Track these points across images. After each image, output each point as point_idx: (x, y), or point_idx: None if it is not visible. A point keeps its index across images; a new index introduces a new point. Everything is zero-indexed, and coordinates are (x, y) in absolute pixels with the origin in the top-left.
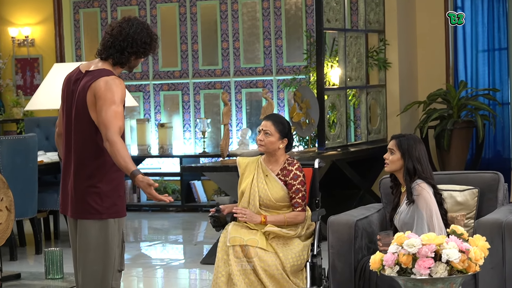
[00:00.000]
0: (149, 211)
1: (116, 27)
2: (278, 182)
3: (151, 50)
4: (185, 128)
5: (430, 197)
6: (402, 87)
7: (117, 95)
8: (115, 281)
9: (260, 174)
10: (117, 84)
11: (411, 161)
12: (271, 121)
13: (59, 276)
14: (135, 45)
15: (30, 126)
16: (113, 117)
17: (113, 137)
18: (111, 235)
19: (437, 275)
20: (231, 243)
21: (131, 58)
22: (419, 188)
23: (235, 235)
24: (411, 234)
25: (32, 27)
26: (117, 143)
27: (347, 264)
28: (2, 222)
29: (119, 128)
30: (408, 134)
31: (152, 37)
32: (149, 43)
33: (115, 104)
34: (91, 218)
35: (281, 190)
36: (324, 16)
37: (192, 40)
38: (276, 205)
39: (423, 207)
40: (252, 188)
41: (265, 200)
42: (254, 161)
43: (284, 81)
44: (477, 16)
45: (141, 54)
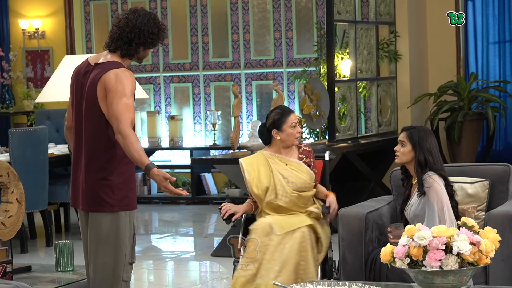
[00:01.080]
0: (159, 203)
1: (123, 19)
2: (302, 165)
3: (159, 40)
4: (196, 120)
5: (441, 189)
6: (412, 79)
7: (128, 87)
8: (126, 273)
9: (277, 163)
10: (127, 76)
11: (422, 153)
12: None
13: (70, 269)
14: (143, 36)
15: (41, 118)
16: (125, 109)
17: (125, 130)
18: (122, 228)
19: (448, 267)
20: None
21: (139, 49)
22: (431, 180)
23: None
24: (421, 227)
25: (43, 19)
26: (130, 136)
27: (357, 256)
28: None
29: (130, 120)
30: (419, 126)
31: (159, 27)
32: (156, 33)
33: (126, 96)
34: (102, 211)
35: (308, 171)
36: (335, 8)
37: (203, 32)
38: (309, 185)
39: (434, 199)
40: (276, 179)
41: (299, 183)
42: (259, 156)
43: (294, 73)
44: (487, 8)
45: (149, 44)
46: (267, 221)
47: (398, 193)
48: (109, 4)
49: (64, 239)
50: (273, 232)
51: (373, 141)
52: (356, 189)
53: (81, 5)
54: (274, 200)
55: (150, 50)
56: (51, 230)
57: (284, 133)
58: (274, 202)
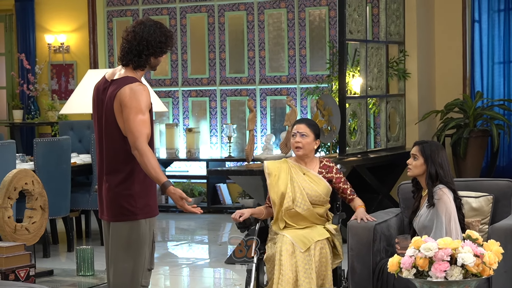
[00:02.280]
0: (176, 212)
1: (131, 32)
2: (320, 178)
3: (168, 47)
4: (212, 133)
5: (450, 202)
6: (420, 97)
7: (143, 102)
8: (144, 279)
9: (298, 173)
10: (141, 91)
11: (433, 166)
12: (305, 123)
13: (90, 273)
14: (151, 47)
15: (64, 129)
16: (141, 125)
17: (142, 147)
18: (142, 234)
19: (453, 278)
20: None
21: (150, 59)
22: (440, 193)
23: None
24: (428, 238)
25: (68, 34)
26: (147, 153)
27: (366, 266)
28: (37, 220)
29: (146, 136)
30: (430, 141)
31: (166, 35)
32: (164, 42)
33: (142, 112)
34: (125, 220)
35: (325, 185)
36: (347, 28)
37: (220, 49)
38: (323, 200)
39: (442, 211)
40: (295, 187)
41: (313, 196)
42: (283, 163)
43: (307, 89)
44: (493, 29)
45: (158, 53)
46: (287, 240)
47: (406, 206)
48: (131, 21)
49: (85, 244)
50: (297, 250)
51: (382, 156)
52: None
53: (105, 21)
54: (292, 207)
55: (162, 58)
56: (73, 236)
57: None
58: (292, 209)
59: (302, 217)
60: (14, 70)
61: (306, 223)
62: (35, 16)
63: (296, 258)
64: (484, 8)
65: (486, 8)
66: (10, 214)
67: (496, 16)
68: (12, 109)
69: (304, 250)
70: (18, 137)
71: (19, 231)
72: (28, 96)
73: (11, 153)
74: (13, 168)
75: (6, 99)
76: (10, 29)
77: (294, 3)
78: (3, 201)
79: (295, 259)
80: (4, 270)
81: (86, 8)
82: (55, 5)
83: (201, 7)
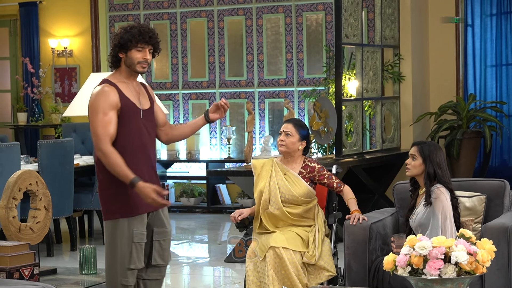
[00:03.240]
0: (176, 212)
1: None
2: (299, 179)
3: (128, 41)
4: (212, 134)
5: (446, 201)
6: (415, 99)
7: (102, 102)
8: (124, 278)
9: (278, 172)
10: (102, 92)
11: (432, 166)
12: (292, 123)
13: (93, 272)
14: (112, 45)
15: (68, 131)
16: (101, 126)
17: (104, 148)
18: (120, 234)
19: (447, 275)
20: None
21: (118, 57)
22: (438, 192)
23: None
24: (422, 237)
25: (71, 39)
26: (110, 154)
27: (362, 264)
28: (41, 220)
29: (109, 137)
30: (428, 141)
31: (127, 30)
32: (122, 37)
33: (102, 112)
34: (106, 219)
35: (304, 186)
36: (343, 32)
37: (219, 53)
38: (299, 200)
39: (439, 209)
40: (272, 186)
41: (288, 196)
42: (268, 162)
43: (304, 92)
44: (486, 33)
45: (120, 49)
46: (251, 248)
47: (401, 205)
48: None
49: (87, 244)
50: (257, 258)
51: (377, 156)
52: (361, 201)
53: (107, 26)
54: (267, 207)
55: (136, 56)
56: (76, 236)
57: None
58: (267, 209)
59: (277, 218)
60: (18, 74)
61: (284, 224)
62: (39, 21)
63: (257, 265)
64: (476, 13)
65: (479, 12)
66: (15, 214)
67: (488, 20)
68: (17, 111)
69: (262, 258)
70: (22, 139)
71: (23, 230)
72: (32, 99)
73: (15, 154)
74: (18, 169)
75: (10, 102)
76: (15, 34)
77: (291, 8)
78: (8, 201)
79: (257, 266)
80: (9, 269)
81: (88, 13)
82: (59, 10)
83: (201, 12)
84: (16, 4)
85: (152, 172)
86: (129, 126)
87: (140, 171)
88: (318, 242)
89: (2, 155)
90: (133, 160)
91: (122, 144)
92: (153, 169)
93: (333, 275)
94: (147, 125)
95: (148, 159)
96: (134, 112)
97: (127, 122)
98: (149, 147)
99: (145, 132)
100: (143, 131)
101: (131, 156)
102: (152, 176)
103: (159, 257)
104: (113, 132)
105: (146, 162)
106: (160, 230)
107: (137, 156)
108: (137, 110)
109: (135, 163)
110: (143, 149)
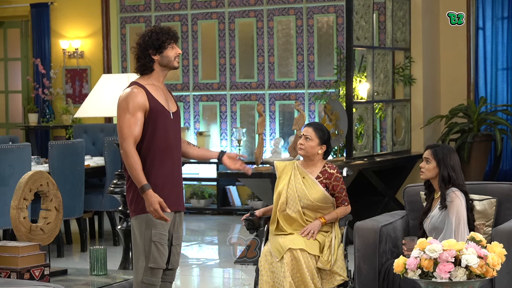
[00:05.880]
0: (187, 213)
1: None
2: (316, 184)
3: (161, 41)
4: (222, 136)
5: (461, 205)
6: (425, 102)
7: (132, 103)
8: (146, 276)
9: (297, 176)
10: (131, 93)
11: (446, 169)
12: (312, 127)
13: (103, 273)
14: (144, 47)
15: (78, 132)
16: (127, 126)
17: (127, 148)
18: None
19: (457, 279)
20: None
21: (151, 59)
22: (453, 195)
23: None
24: (432, 240)
25: (82, 40)
26: (132, 155)
27: (372, 266)
28: (51, 221)
29: (134, 138)
30: (442, 144)
31: (156, 31)
32: (155, 38)
33: (129, 112)
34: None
35: (320, 191)
36: (354, 34)
37: (230, 55)
38: (314, 205)
39: (453, 213)
40: (290, 189)
41: (304, 200)
42: (290, 164)
43: (315, 94)
44: (497, 36)
45: (155, 50)
46: (267, 249)
47: (411, 208)
48: (144, 27)
49: (97, 245)
50: (274, 257)
51: (388, 159)
52: (371, 204)
53: (118, 27)
54: (284, 208)
55: (171, 53)
56: (86, 237)
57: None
58: (284, 211)
59: (294, 220)
60: (29, 75)
61: (298, 227)
62: (50, 22)
63: (272, 266)
64: (488, 16)
65: (490, 15)
66: (26, 214)
67: (500, 23)
68: (28, 112)
69: (279, 259)
70: (33, 140)
71: (34, 231)
72: (43, 100)
73: (26, 155)
74: (29, 170)
75: (21, 103)
76: (26, 35)
77: (302, 10)
78: (18, 202)
79: (272, 267)
80: (20, 269)
81: (100, 15)
82: (70, 12)
83: (212, 14)
84: (28, 5)
85: (178, 174)
86: (157, 128)
87: (166, 173)
88: (334, 248)
89: (13, 156)
90: (158, 161)
91: (149, 145)
92: (178, 171)
93: (345, 280)
94: (174, 127)
95: (174, 161)
96: (162, 114)
97: (155, 123)
98: (175, 149)
99: (172, 134)
100: (170, 133)
101: (157, 157)
102: (177, 178)
103: (175, 261)
104: (138, 133)
105: (172, 164)
106: (177, 235)
107: (163, 157)
108: (166, 113)
109: (161, 164)
110: (169, 151)
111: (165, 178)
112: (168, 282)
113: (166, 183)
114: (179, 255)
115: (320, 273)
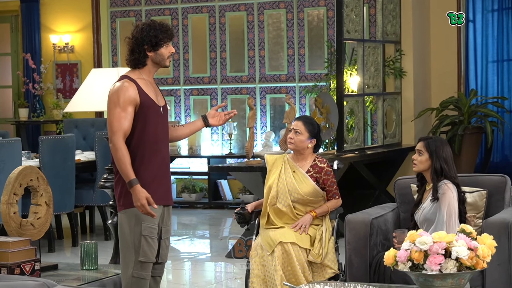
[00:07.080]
0: (178, 207)
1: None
2: (306, 178)
3: (159, 39)
4: (213, 130)
5: (453, 197)
6: (416, 95)
7: (122, 97)
8: (136, 270)
9: (288, 169)
10: (122, 87)
11: (438, 161)
12: (302, 121)
13: (94, 267)
14: (141, 42)
15: (69, 126)
16: (117, 120)
17: (117, 142)
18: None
19: (447, 271)
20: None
21: (145, 55)
22: (445, 187)
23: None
24: (423, 232)
25: (72, 34)
26: (121, 149)
27: (363, 259)
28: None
29: (123, 132)
30: (435, 136)
31: (156, 28)
32: (154, 35)
33: (119, 106)
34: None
35: (310, 185)
36: (344, 28)
37: (221, 49)
38: (305, 199)
39: (445, 205)
40: (280, 182)
41: (294, 194)
42: (280, 158)
43: (306, 87)
44: (487, 29)
45: (151, 46)
46: (257, 242)
47: (402, 201)
48: (135, 21)
49: (89, 239)
50: (264, 251)
51: (379, 152)
52: (362, 197)
53: (108, 22)
54: (275, 202)
55: (165, 52)
56: (77, 231)
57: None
58: (274, 205)
59: (284, 214)
60: (19, 70)
61: (289, 221)
62: (40, 17)
63: (263, 259)
64: (478, 8)
65: (480, 8)
66: (16, 209)
67: (490, 16)
68: (18, 107)
69: (270, 253)
70: (23, 135)
71: (24, 226)
72: (34, 95)
73: (16, 150)
74: (19, 165)
75: (12, 97)
76: (16, 30)
77: (293, 4)
78: (9, 197)
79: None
80: (10, 265)
81: (90, 9)
82: (60, 6)
83: (202, 8)
84: (17, 0)
85: (166, 168)
86: (147, 122)
87: (155, 167)
88: (325, 241)
89: (3, 151)
90: (147, 156)
91: (139, 139)
92: (167, 165)
93: (336, 273)
94: (163, 121)
95: (163, 156)
96: (153, 109)
97: (146, 118)
98: (163, 143)
99: (161, 129)
100: (159, 127)
101: (147, 151)
102: (166, 172)
103: (164, 255)
104: (128, 128)
105: (161, 158)
106: (166, 228)
107: (152, 151)
108: (156, 107)
109: (150, 159)
110: (158, 145)
111: (154, 173)
112: (158, 277)
113: (155, 178)
114: (168, 248)
115: (311, 266)
